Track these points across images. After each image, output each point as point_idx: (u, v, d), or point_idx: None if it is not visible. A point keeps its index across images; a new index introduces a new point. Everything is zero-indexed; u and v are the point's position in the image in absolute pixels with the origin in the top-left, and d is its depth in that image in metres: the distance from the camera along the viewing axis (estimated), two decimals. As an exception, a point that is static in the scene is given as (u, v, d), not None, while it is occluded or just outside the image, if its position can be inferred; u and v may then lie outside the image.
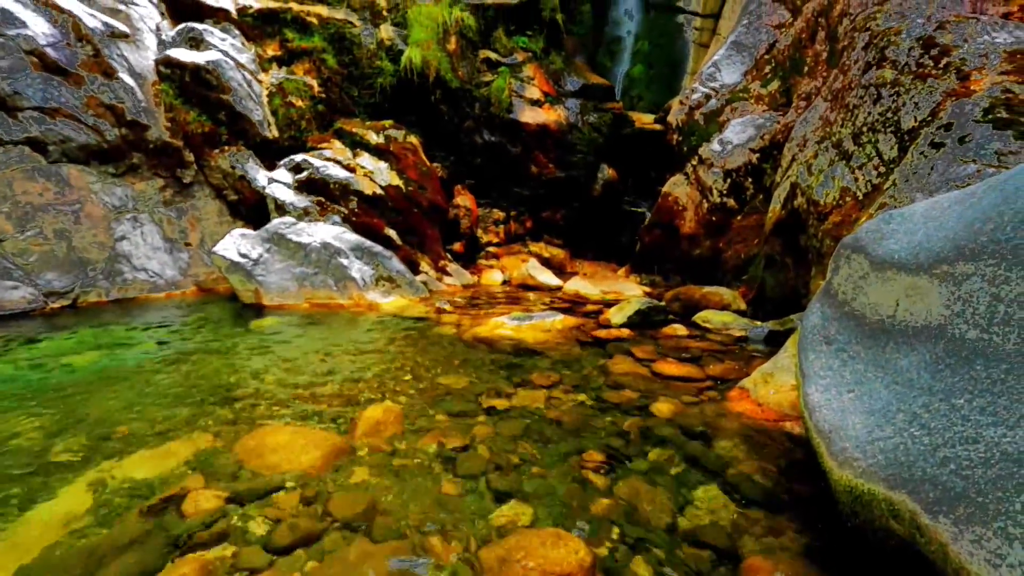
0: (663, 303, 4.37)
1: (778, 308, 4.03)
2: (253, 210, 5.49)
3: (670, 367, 2.93)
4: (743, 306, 4.34)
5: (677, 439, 2.11)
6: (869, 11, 4.19)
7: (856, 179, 3.41)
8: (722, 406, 2.42)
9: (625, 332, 3.67)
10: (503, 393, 2.58)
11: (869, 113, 3.46)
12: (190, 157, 5.29)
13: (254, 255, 4.44)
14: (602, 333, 3.63)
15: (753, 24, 6.50)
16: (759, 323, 3.77)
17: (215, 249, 4.45)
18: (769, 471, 1.86)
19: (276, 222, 4.71)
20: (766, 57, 6.21)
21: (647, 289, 5.59)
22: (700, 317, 3.98)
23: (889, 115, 3.31)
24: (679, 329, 3.72)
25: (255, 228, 4.93)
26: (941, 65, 3.16)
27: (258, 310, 4.28)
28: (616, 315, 3.95)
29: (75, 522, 1.58)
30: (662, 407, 2.40)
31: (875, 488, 1.27)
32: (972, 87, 2.94)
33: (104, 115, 4.62)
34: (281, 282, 4.43)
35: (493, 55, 6.82)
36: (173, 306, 4.47)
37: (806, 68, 5.41)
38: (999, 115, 2.69)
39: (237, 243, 4.50)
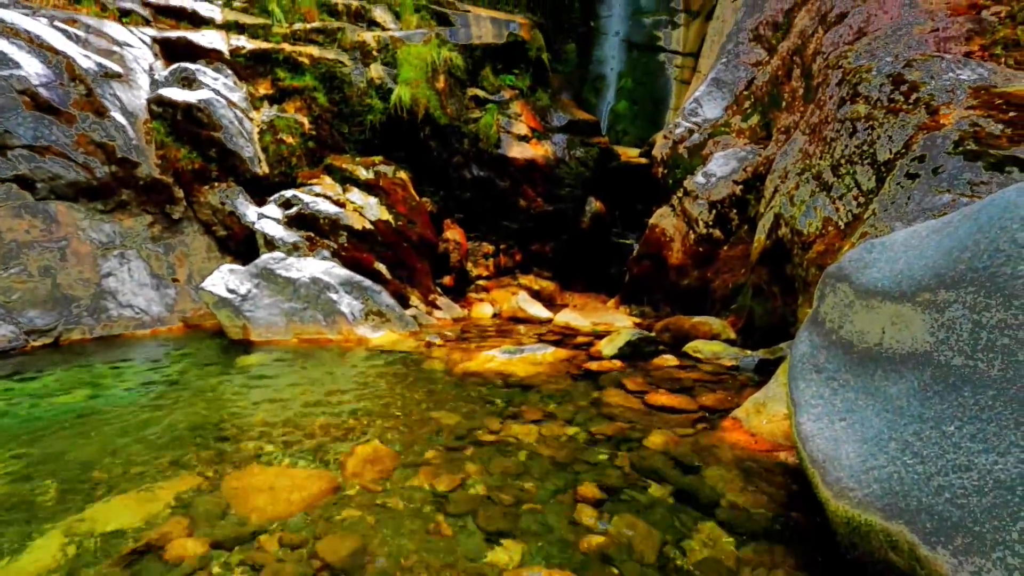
0: (653, 334, 4.38)
1: (767, 337, 4.06)
2: (242, 245, 5.48)
3: (662, 398, 2.91)
4: (733, 335, 4.36)
5: (671, 472, 2.09)
6: (841, 50, 4.38)
7: (837, 209, 3.50)
8: (715, 437, 2.40)
9: (616, 364, 3.66)
10: (495, 428, 2.54)
11: (846, 146, 3.57)
12: (180, 193, 5.30)
13: (242, 291, 4.41)
14: (593, 365, 3.62)
15: (732, 62, 6.75)
16: (749, 352, 3.79)
17: (203, 285, 4.42)
18: (765, 503, 1.84)
19: (265, 257, 4.69)
20: (745, 93, 6.43)
21: (637, 320, 5.61)
22: (690, 347, 3.99)
23: (865, 147, 3.42)
24: (670, 360, 3.72)
25: (244, 263, 4.91)
26: (911, 100, 3.29)
27: (246, 346, 4.22)
28: (607, 347, 3.94)
29: (51, 573, 1.51)
30: (655, 439, 2.38)
31: (872, 519, 1.26)
32: (942, 121, 3.06)
33: (94, 153, 4.64)
34: (269, 317, 4.39)
35: (481, 93, 6.99)
36: (159, 343, 4.40)
37: (784, 103, 5.61)
38: (969, 147, 2.79)
39: (225, 278, 4.47)
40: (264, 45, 6.09)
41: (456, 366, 3.62)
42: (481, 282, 6.80)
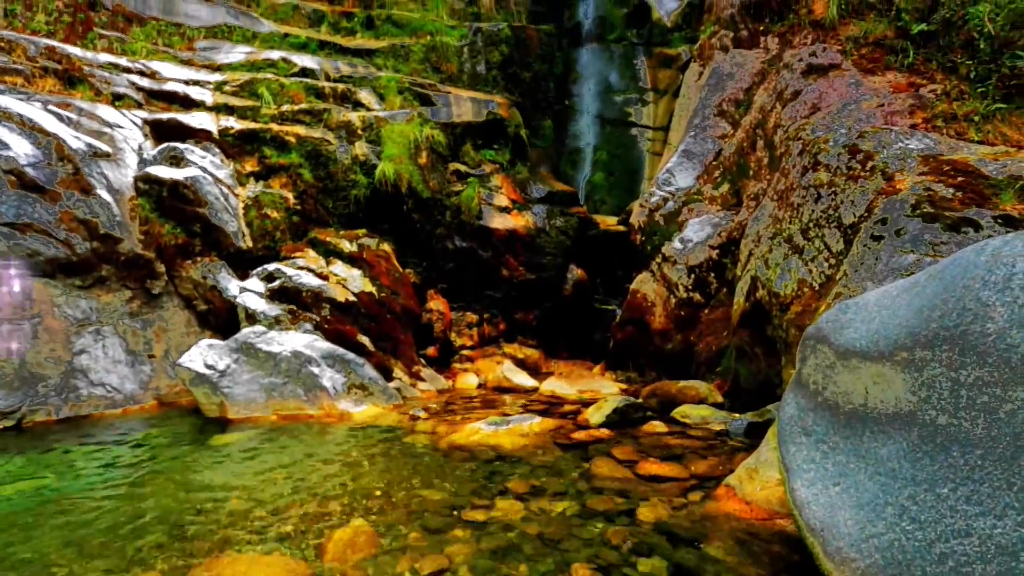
0: (640, 400, 4.33)
1: (754, 399, 4.04)
2: (223, 320, 5.40)
3: (653, 467, 2.84)
4: (720, 399, 4.33)
5: (667, 546, 2.00)
6: (799, 123, 4.70)
7: (810, 271, 3.61)
8: (709, 507, 2.33)
9: (604, 432, 3.58)
10: (482, 505, 2.44)
11: (812, 211, 3.74)
12: (161, 268, 5.27)
13: (221, 366, 4.29)
14: (581, 435, 3.54)
15: (699, 135, 7.16)
16: (737, 415, 3.75)
17: (180, 361, 4.30)
18: (766, 577, 1.76)
19: (246, 331, 4.62)
20: (714, 163, 6.78)
21: (623, 386, 5.57)
22: (678, 412, 3.95)
23: (831, 212, 3.59)
24: (658, 426, 3.67)
25: (224, 338, 4.82)
26: (868, 168, 3.50)
27: (223, 424, 4.06)
28: (594, 415, 3.88)
29: None
30: (648, 512, 2.30)
31: (877, 591, 1.21)
32: (898, 186, 3.25)
33: (77, 229, 4.64)
34: (248, 393, 4.26)
35: (462, 167, 7.26)
36: (130, 423, 4.20)
37: (751, 172, 5.91)
38: (926, 210, 2.95)
39: (204, 354, 4.36)
40: (252, 125, 6.31)
41: (441, 440, 3.51)
42: (465, 352, 6.74)
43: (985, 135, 3.55)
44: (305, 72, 7.41)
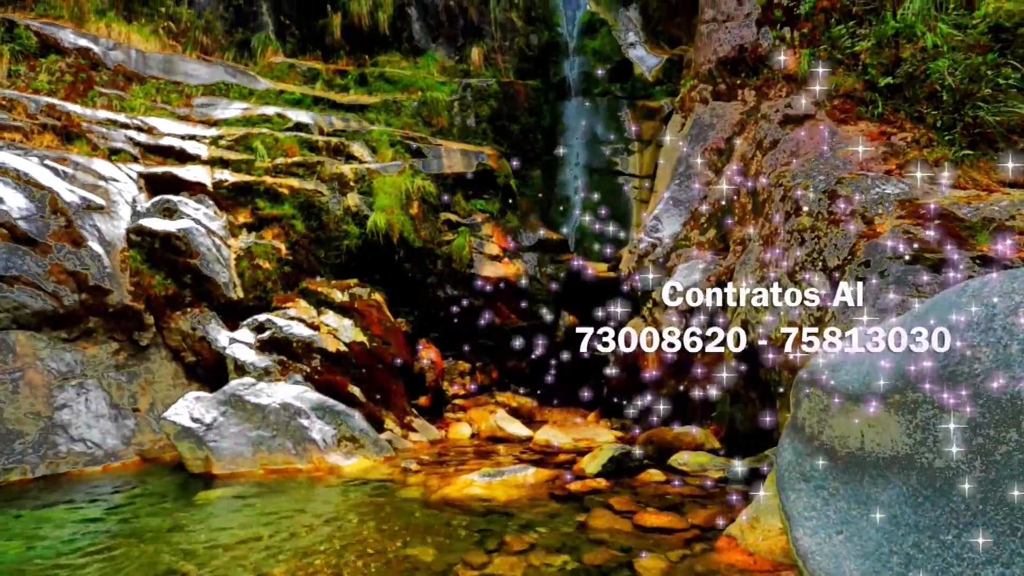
0: (636, 448, 4.27)
1: (751, 442, 3.99)
2: (211, 372, 5.31)
3: (651, 518, 2.77)
4: (716, 444, 4.28)
5: (670, 603, 1.92)
6: (779, 170, 4.86)
7: (800, 313, 3.65)
8: (711, 559, 2.26)
9: (601, 482, 3.51)
10: (477, 563, 2.35)
11: (798, 254, 3.83)
12: (150, 319, 5.22)
13: (208, 419, 4.19)
14: (577, 485, 3.46)
15: (684, 183, 7.38)
16: (735, 461, 3.69)
17: (165, 415, 4.19)
18: (774, 634, 1.69)
19: (234, 383, 4.54)
20: (700, 209, 6.95)
21: (618, 434, 5.48)
22: (675, 460, 3.88)
23: (815, 255, 3.67)
24: (656, 475, 3.60)
25: (212, 391, 4.72)
26: (848, 212, 3.61)
27: (207, 480, 3.92)
28: (590, 464, 3.81)
29: None
30: (649, 566, 2.22)
31: (888, 646, 1.17)
32: (878, 229, 3.34)
33: (66, 281, 4.61)
34: (235, 447, 4.13)
35: (453, 217, 7.38)
36: (111, 480, 4.05)
37: (736, 217, 6.06)
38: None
39: (190, 407, 4.26)
40: (246, 178, 6.41)
41: (434, 493, 3.41)
42: (458, 401, 6.64)
43: (956, 180, 3.69)
44: (299, 127, 7.60)
